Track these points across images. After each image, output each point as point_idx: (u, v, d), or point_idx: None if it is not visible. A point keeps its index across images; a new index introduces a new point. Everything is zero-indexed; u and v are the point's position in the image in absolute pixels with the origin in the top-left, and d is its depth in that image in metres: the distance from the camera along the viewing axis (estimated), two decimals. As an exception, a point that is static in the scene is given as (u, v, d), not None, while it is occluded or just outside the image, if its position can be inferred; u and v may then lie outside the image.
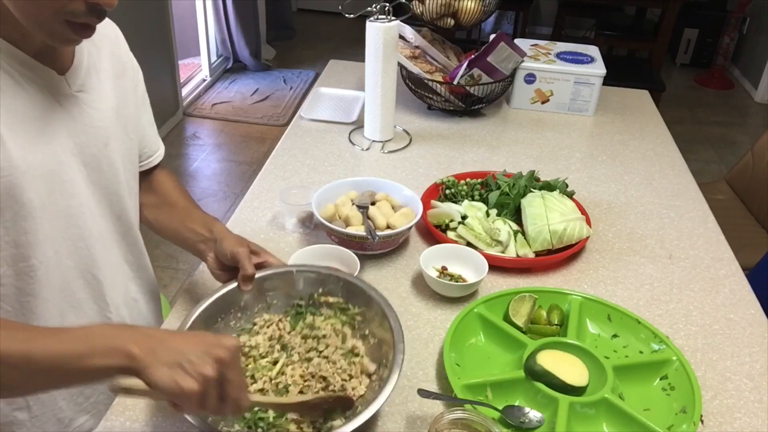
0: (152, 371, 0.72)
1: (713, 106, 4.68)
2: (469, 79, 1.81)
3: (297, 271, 1.07)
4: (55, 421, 1.04)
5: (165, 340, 0.76)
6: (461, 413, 0.88)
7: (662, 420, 0.97)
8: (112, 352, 0.72)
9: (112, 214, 1.05)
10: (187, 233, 1.11)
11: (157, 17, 3.59)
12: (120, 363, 0.72)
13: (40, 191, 0.88)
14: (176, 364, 0.73)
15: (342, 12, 1.60)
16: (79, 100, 0.94)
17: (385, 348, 0.97)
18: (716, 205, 1.65)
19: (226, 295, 1.03)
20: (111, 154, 1.01)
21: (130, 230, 1.11)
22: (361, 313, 1.04)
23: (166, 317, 1.16)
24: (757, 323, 1.20)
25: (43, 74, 0.89)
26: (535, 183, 1.46)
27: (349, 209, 1.33)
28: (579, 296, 1.17)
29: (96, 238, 1.01)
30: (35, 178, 0.87)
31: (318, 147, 1.73)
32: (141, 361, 0.72)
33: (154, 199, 1.19)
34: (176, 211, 1.17)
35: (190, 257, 1.30)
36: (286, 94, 4.40)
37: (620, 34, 4.40)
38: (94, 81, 0.98)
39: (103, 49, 1.01)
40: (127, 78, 1.07)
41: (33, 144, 0.86)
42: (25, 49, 0.86)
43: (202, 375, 0.73)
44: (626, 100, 2.11)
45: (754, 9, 4.77)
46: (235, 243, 1.04)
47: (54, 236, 0.93)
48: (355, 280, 1.06)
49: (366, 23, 1.59)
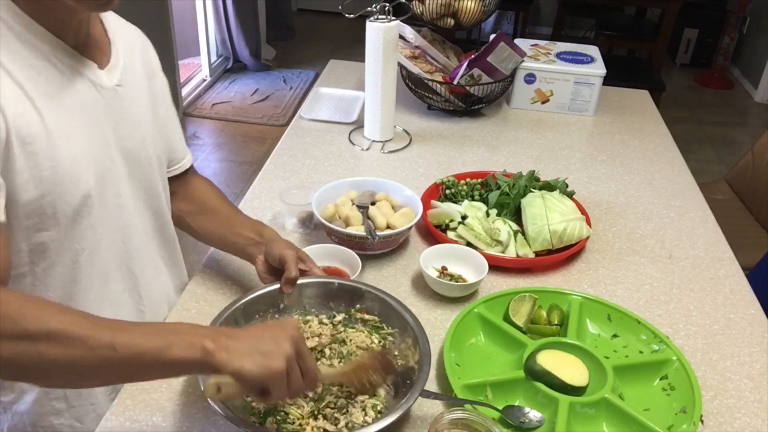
0: (235, 362, 0.74)
1: (713, 106, 4.68)
2: (469, 79, 1.81)
3: (338, 284, 1.09)
4: (93, 414, 1.05)
5: (234, 335, 0.78)
6: (461, 413, 0.88)
7: (662, 420, 0.97)
8: (190, 346, 0.74)
9: (149, 209, 1.08)
10: (235, 238, 1.15)
11: (157, 17, 3.59)
12: (197, 356, 0.74)
13: (84, 181, 0.90)
14: (255, 351, 0.75)
15: (342, 12, 1.60)
16: (119, 94, 0.97)
17: (409, 371, 0.98)
18: (716, 205, 1.65)
19: (267, 294, 1.06)
20: (148, 149, 1.04)
21: (165, 226, 1.14)
22: (393, 333, 1.05)
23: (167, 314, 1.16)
24: (757, 323, 1.20)
25: (85, 66, 0.91)
26: (535, 183, 1.46)
27: (349, 209, 1.32)
28: (579, 296, 1.17)
29: (134, 232, 1.04)
30: (78, 168, 0.89)
31: (318, 147, 1.73)
32: (217, 355, 0.74)
33: (193, 207, 1.21)
34: (221, 218, 1.19)
35: (191, 256, 1.30)
36: (286, 94, 4.40)
37: (620, 34, 4.40)
38: (131, 78, 1.00)
39: (135, 50, 1.04)
40: (157, 82, 1.10)
41: (76, 135, 0.89)
42: (67, 40, 0.88)
43: (284, 353, 0.76)
44: (626, 100, 2.11)
45: (754, 9, 4.77)
46: (285, 246, 1.09)
47: (97, 225, 0.95)
48: (391, 300, 1.06)
49: (366, 23, 1.59)
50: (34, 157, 0.82)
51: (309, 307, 1.09)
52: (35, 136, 0.82)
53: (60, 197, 0.87)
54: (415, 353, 0.98)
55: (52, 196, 0.86)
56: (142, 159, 1.03)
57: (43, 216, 0.87)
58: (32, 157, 0.82)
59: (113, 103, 0.96)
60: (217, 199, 1.23)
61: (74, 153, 0.88)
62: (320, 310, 1.09)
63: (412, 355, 0.99)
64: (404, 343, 1.02)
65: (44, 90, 0.84)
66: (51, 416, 1.01)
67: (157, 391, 0.99)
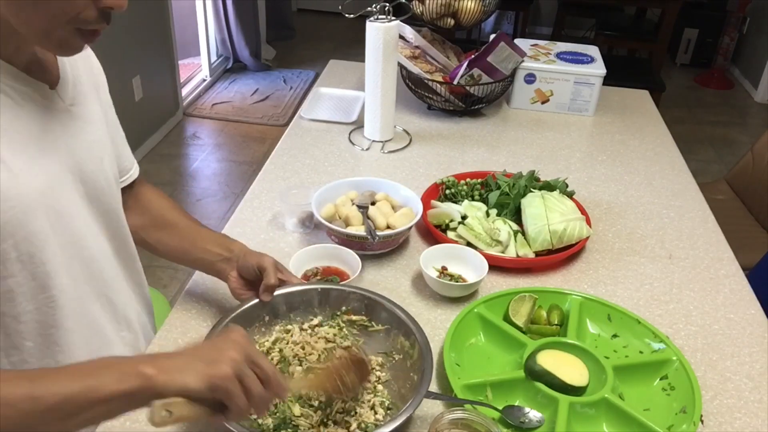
0: (178, 380, 0.70)
1: (713, 106, 4.68)
2: (469, 79, 1.81)
3: (321, 289, 1.08)
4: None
5: (171, 355, 0.75)
6: (461, 413, 0.88)
7: (662, 420, 0.97)
8: (123, 377, 0.69)
9: (109, 232, 1.01)
10: (200, 253, 1.09)
11: (157, 17, 3.59)
12: (134, 385, 0.69)
13: (48, 216, 0.85)
14: (196, 363, 0.72)
15: (342, 12, 1.60)
16: (73, 114, 0.91)
17: (410, 362, 0.98)
18: (716, 205, 1.65)
19: (248, 310, 1.03)
20: (106, 169, 0.98)
21: (126, 246, 1.08)
22: (386, 330, 1.04)
23: (166, 317, 1.16)
24: (757, 323, 1.20)
25: (37, 89, 0.85)
26: (535, 183, 1.46)
27: (349, 209, 1.32)
28: (579, 296, 1.17)
29: (101, 259, 0.99)
30: (41, 204, 0.83)
31: (318, 147, 1.73)
32: (157, 377, 0.69)
33: (147, 220, 1.14)
34: (181, 232, 1.13)
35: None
36: (286, 94, 4.40)
37: (620, 34, 4.40)
38: (81, 93, 0.94)
39: (78, 60, 0.96)
40: (101, 88, 1.03)
41: (36, 166, 0.83)
42: (16, 63, 0.82)
43: (228, 358, 0.72)
44: (626, 100, 2.11)
45: (754, 9, 4.77)
46: (260, 255, 1.06)
47: (68, 263, 0.90)
48: (378, 297, 1.05)
49: (366, 23, 1.59)
50: None
51: (294, 317, 1.07)
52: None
53: (24, 239, 0.81)
54: (413, 351, 0.98)
55: (15, 238, 0.80)
56: (102, 181, 0.96)
57: (7, 261, 0.81)
58: None
59: (69, 124, 0.90)
60: (174, 211, 1.16)
61: (34, 187, 0.82)
62: (305, 317, 1.07)
63: (411, 351, 0.99)
64: (398, 338, 1.02)
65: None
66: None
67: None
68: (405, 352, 1.01)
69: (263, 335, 1.05)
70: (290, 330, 1.05)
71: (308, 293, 1.07)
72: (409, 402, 0.89)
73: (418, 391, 0.90)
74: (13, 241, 0.80)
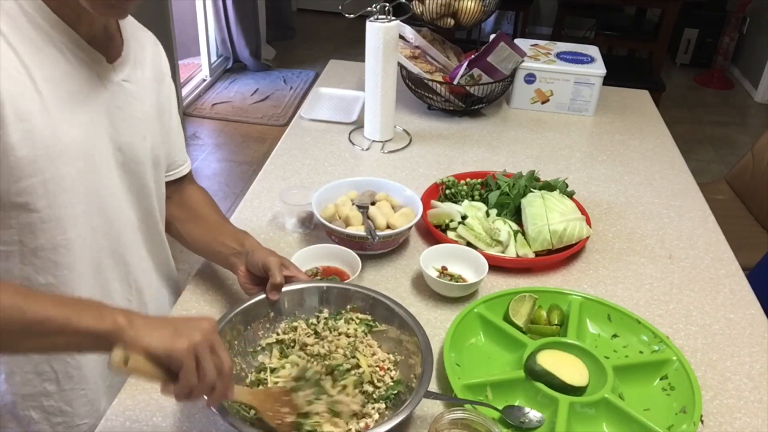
0: (144, 338, 0.76)
1: (713, 106, 4.68)
2: (469, 79, 1.81)
3: (327, 288, 1.08)
4: (84, 399, 1.06)
5: (147, 317, 0.81)
6: (461, 413, 0.88)
7: (662, 420, 0.97)
8: (101, 317, 0.76)
9: (138, 205, 1.08)
10: (218, 247, 1.14)
11: (157, 17, 3.59)
12: (107, 327, 0.76)
13: (77, 165, 0.92)
14: (164, 329, 0.78)
15: (342, 12, 1.60)
16: (124, 89, 0.99)
17: (411, 362, 0.98)
18: (716, 205, 1.65)
19: (255, 305, 1.04)
20: (147, 147, 1.05)
21: (156, 226, 1.14)
22: (389, 330, 1.04)
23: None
24: (757, 323, 1.20)
25: (94, 58, 0.93)
26: (535, 183, 1.46)
27: (349, 209, 1.32)
28: (579, 296, 1.17)
29: (124, 225, 1.05)
30: (73, 151, 0.90)
31: (318, 147, 1.73)
32: (127, 330, 0.76)
33: (184, 214, 1.21)
34: (207, 226, 1.19)
35: (191, 257, 1.30)
36: (286, 94, 4.40)
37: (620, 34, 4.40)
38: (139, 75, 1.02)
39: (147, 51, 1.06)
40: (165, 87, 1.11)
41: (75, 119, 0.90)
42: (81, 32, 0.90)
43: (191, 337, 0.78)
44: (626, 100, 2.11)
45: (754, 9, 4.77)
46: (267, 253, 1.08)
47: (90, 214, 0.96)
48: (383, 298, 1.06)
49: (366, 23, 1.59)
50: (29, 136, 0.84)
51: (299, 314, 1.07)
52: (32, 114, 0.84)
53: (52, 179, 0.89)
54: (417, 351, 0.98)
55: (44, 175, 0.88)
56: (139, 155, 1.04)
57: (34, 195, 0.88)
58: (28, 136, 0.84)
59: (117, 96, 0.98)
60: (208, 207, 1.23)
61: (71, 136, 0.89)
62: (310, 314, 1.08)
63: (413, 350, 0.99)
64: (401, 338, 1.02)
65: (49, 74, 0.87)
66: (41, 397, 1.02)
67: (158, 391, 0.99)
68: (406, 351, 1.01)
69: (267, 331, 1.05)
70: (296, 327, 1.06)
71: (313, 291, 1.08)
72: (409, 401, 0.89)
73: (418, 391, 0.90)
74: (42, 177, 0.88)
